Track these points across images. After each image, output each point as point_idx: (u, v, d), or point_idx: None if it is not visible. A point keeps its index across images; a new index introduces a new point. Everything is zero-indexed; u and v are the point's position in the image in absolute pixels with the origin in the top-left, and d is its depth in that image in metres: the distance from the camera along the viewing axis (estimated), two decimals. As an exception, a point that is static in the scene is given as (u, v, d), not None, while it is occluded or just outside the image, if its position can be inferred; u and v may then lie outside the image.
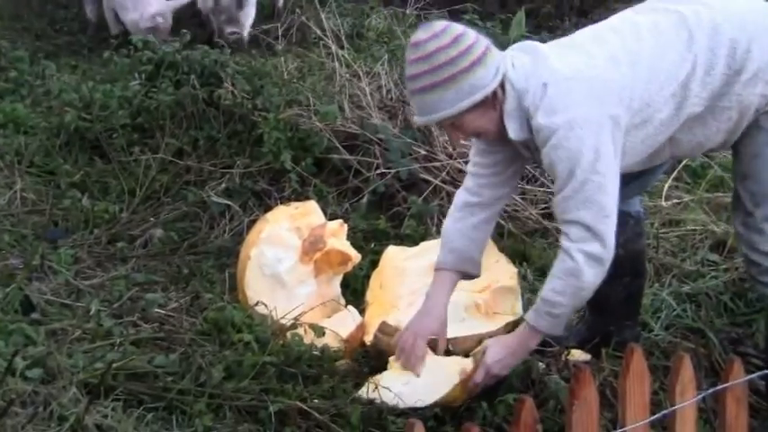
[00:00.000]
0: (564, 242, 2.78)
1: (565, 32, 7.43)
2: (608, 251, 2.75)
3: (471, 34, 2.74)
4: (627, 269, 3.15)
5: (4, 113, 5.02)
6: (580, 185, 2.71)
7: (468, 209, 3.09)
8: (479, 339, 3.20)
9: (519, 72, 2.77)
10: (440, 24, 2.77)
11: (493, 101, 2.76)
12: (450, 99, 2.70)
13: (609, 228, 2.74)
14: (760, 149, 2.91)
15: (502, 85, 2.76)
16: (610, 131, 2.71)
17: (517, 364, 2.95)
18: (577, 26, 7.85)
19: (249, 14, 6.48)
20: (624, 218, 3.00)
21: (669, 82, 2.77)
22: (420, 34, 2.75)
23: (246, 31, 6.58)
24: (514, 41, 6.41)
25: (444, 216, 4.18)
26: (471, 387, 2.94)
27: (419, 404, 2.95)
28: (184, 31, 5.88)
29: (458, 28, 2.75)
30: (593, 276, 2.76)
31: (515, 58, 2.81)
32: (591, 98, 2.72)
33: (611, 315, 3.26)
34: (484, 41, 2.76)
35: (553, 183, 2.90)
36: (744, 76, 2.79)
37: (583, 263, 2.73)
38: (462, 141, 3.21)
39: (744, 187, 2.98)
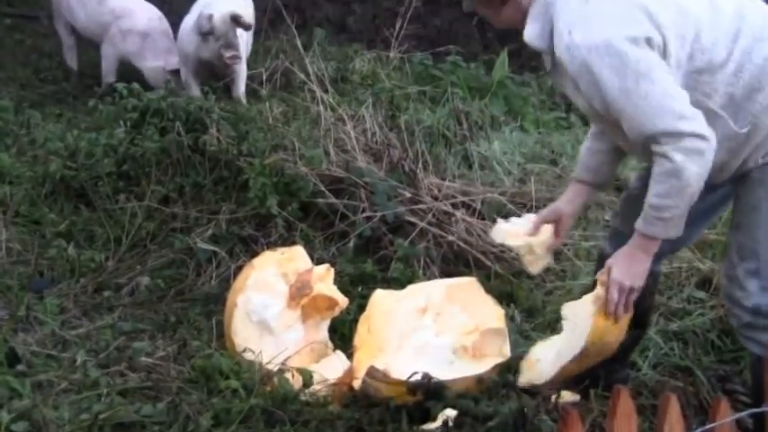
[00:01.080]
0: (656, 148, 2.69)
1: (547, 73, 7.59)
2: (706, 141, 2.64)
3: None
4: (631, 321, 3.14)
5: (-10, 163, 5.01)
6: (643, 99, 2.66)
7: (595, 135, 3.17)
8: (469, 382, 3.21)
9: None
10: None
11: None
12: None
13: (694, 123, 2.65)
14: (759, 203, 2.87)
15: None
16: (652, 51, 2.67)
17: (646, 270, 2.86)
18: (560, 66, 7.99)
19: (243, 36, 6.49)
20: None
21: (707, 53, 2.74)
22: None
23: (245, 55, 6.59)
24: (498, 83, 6.54)
25: (431, 259, 4.24)
26: (612, 309, 2.89)
27: (576, 351, 2.96)
28: (169, 78, 5.93)
29: None
30: (696, 170, 2.65)
31: None
32: (625, 17, 2.68)
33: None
34: None
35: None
36: (762, 99, 2.77)
37: (682, 161, 2.64)
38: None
39: (735, 237, 2.96)
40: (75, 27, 7.20)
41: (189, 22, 6.46)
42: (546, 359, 3.18)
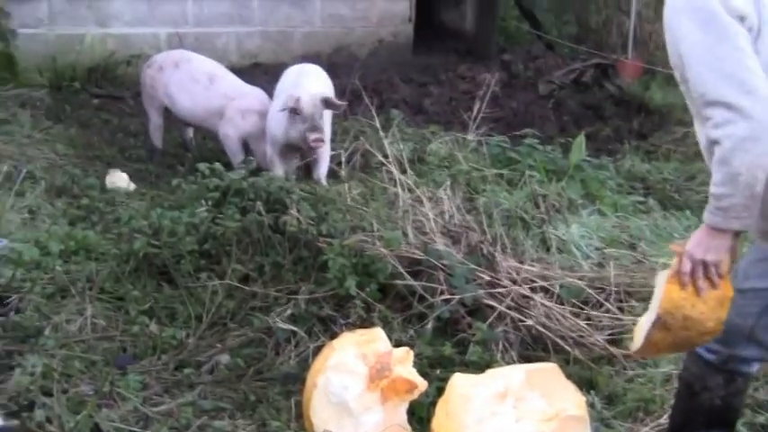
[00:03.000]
0: (711, 131, 2.64)
1: (625, 156, 7.58)
2: (760, 128, 2.57)
3: None
4: (717, 419, 3.08)
5: (76, 240, 5.11)
6: (718, 61, 2.62)
7: None
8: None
9: None
10: None
11: None
12: None
13: (756, 103, 2.58)
14: None
15: None
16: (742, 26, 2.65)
17: (723, 246, 2.78)
18: (637, 149, 7.98)
19: (326, 118, 6.57)
20: (733, 375, 2.96)
21: None
22: None
23: (329, 136, 6.67)
24: (575, 166, 6.54)
25: (510, 343, 4.22)
26: (684, 279, 2.83)
27: (653, 318, 2.91)
28: (251, 158, 6.02)
29: None
30: (747, 160, 2.58)
31: None
32: None
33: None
34: None
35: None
36: None
37: (730, 148, 2.59)
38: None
39: None
40: (175, 112, 7.33)
41: (276, 103, 6.57)
42: (640, 326, 3.12)
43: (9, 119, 7.70)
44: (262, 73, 9.67)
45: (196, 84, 7.17)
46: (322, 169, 6.61)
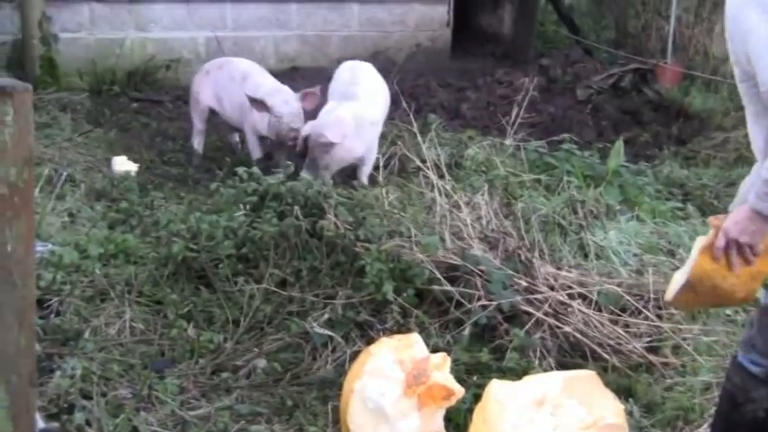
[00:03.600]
0: None
1: (663, 162, 7.53)
2: None
3: None
4: None
5: (116, 244, 5.14)
6: None
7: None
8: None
9: None
10: None
11: None
12: None
13: None
14: None
15: None
16: None
17: (761, 232, 2.76)
18: (676, 155, 7.92)
19: (366, 129, 6.79)
20: None
21: None
22: None
23: (375, 144, 6.90)
24: (613, 171, 6.50)
25: (547, 350, 4.20)
26: (717, 254, 2.82)
27: (683, 281, 2.92)
28: (288, 162, 6.05)
29: None
30: None
31: None
32: None
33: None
34: None
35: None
36: None
37: None
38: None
39: None
40: (221, 114, 7.42)
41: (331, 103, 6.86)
42: (675, 279, 3.11)
43: (50, 122, 7.78)
44: (299, 76, 9.71)
45: (232, 82, 7.26)
46: (366, 172, 6.67)
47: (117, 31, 9.65)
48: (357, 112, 6.69)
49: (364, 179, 6.69)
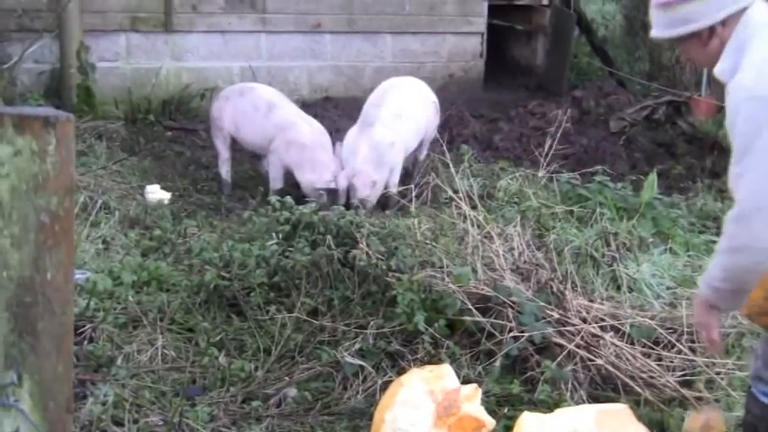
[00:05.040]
0: (734, 221, 2.77)
1: (697, 194, 7.49)
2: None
3: None
4: None
5: (149, 271, 5.19)
6: (755, 166, 2.63)
7: None
8: None
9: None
10: None
11: (708, 36, 2.80)
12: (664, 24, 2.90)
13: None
14: None
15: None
16: None
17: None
18: (710, 188, 7.88)
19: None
20: None
21: None
22: None
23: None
24: (646, 204, 6.47)
25: (579, 382, 4.18)
26: None
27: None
28: (322, 191, 6.08)
29: None
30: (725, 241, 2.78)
31: None
32: None
33: None
34: None
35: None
36: None
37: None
38: None
39: None
40: (239, 140, 7.46)
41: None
42: None
43: (86, 150, 7.86)
44: (332, 107, 9.77)
45: (256, 111, 7.31)
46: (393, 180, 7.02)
47: (153, 61, 9.75)
48: (373, 140, 6.82)
49: (393, 189, 6.90)
